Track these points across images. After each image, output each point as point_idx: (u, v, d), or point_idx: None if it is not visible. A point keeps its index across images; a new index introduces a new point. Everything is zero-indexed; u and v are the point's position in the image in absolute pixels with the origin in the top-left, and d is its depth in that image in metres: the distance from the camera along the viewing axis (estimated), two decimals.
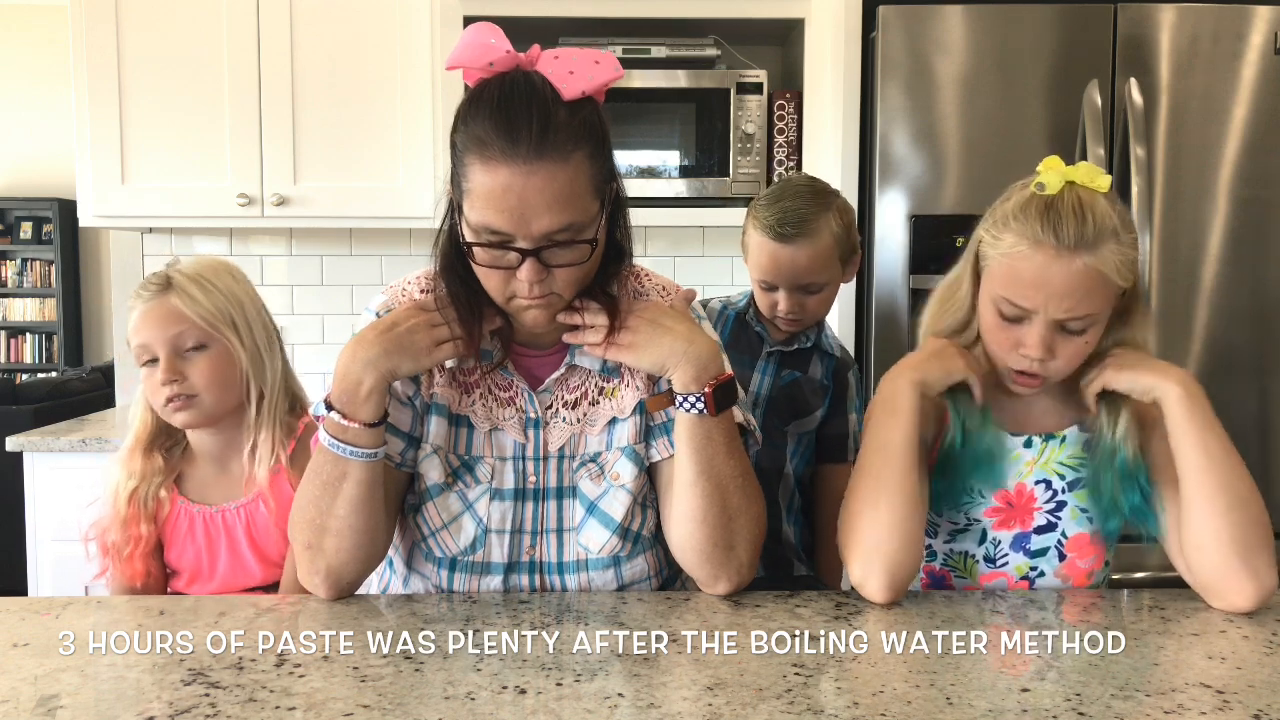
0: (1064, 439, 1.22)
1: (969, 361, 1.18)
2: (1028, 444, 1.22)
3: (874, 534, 1.12)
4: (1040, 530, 1.22)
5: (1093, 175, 1.12)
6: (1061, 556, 1.22)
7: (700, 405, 1.09)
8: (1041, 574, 1.22)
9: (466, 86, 1.07)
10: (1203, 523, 1.10)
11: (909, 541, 1.12)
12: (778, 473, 1.61)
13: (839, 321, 2.30)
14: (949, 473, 1.21)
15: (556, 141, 0.99)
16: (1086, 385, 1.17)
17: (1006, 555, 1.23)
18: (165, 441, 1.42)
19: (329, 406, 1.09)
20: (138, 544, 1.38)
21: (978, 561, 1.24)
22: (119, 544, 1.38)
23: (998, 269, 1.14)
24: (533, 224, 1.00)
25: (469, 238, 1.04)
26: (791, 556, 1.62)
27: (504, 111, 0.99)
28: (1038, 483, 1.22)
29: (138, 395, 1.41)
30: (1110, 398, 1.18)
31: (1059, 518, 1.22)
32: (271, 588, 1.38)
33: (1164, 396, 1.12)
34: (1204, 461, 1.10)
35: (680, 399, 1.10)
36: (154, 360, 1.34)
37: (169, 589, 1.42)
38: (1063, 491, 1.21)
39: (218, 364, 1.35)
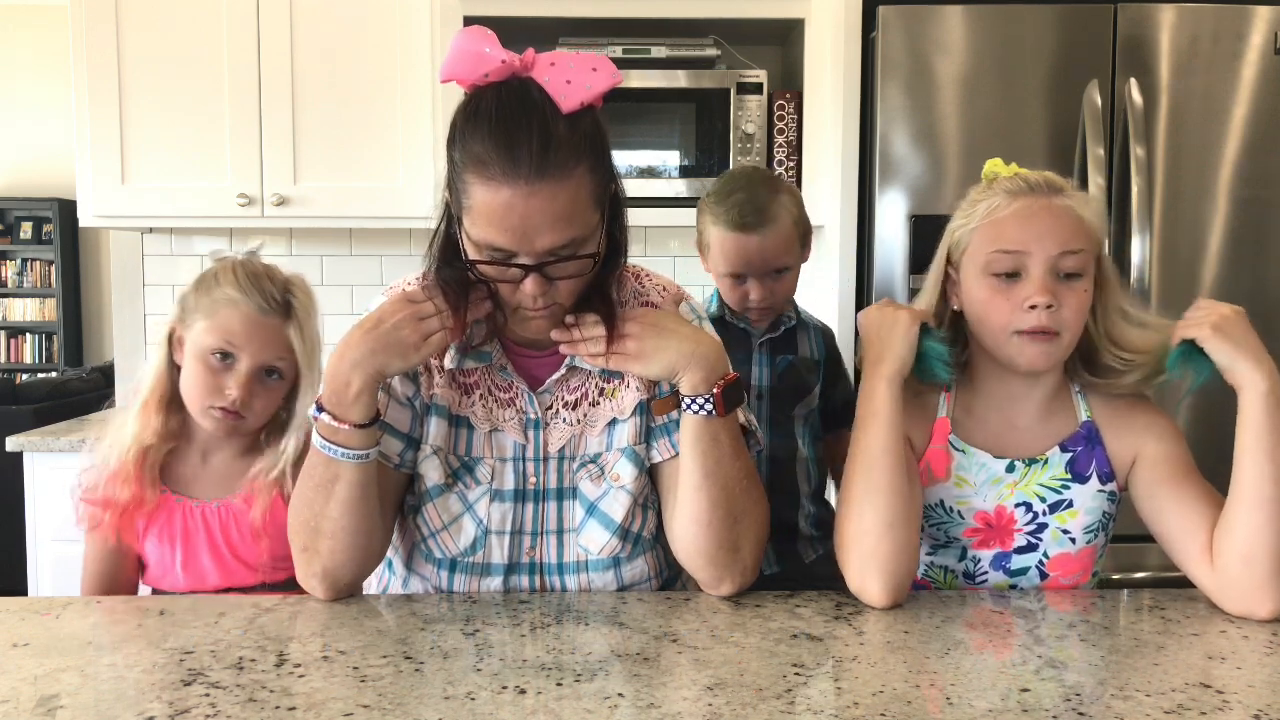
0: (1046, 461, 1.19)
1: (912, 310, 1.16)
2: (1010, 468, 1.19)
3: (866, 541, 1.11)
4: (1021, 550, 1.20)
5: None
6: (1043, 575, 1.20)
7: (709, 406, 1.09)
8: (1023, 591, 1.20)
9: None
10: (1257, 534, 1.05)
11: (901, 545, 1.10)
12: (793, 458, 1.63)
13: (839, 322, 2.30)
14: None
15: (558, 159, 0.97)
16: (1179, 327, 1.10)
17: (986, 573, 1.21)
18: (182, 407, 1.37)
19: (320, 408, 1.09)
20: (140, 506, 1.33)
21: (958, 577, 1.23)
22: (119, 500, 1.32)
23: (980, 236, 1.15)
24: (535, 241, 1.00)
25: (471, 253, 1.04)
26: (805, 548, 1.63)
27: (503, 129, 0.98)
28: (1018, 505, 1.19)
29: (157, 352, 1.36)
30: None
31: (1040, 539, 1.20)
32: (274, 587, 1.33)
33: (1249, 386, 1.06)
34: (1273, 470, 1.05)
35: (688, 401, 1.10)
36: (225, 357, 1.31)
37: (141, 581, 1.38)
38: (1044, 514, 1.19)
39: (280, 395, 1.36)
